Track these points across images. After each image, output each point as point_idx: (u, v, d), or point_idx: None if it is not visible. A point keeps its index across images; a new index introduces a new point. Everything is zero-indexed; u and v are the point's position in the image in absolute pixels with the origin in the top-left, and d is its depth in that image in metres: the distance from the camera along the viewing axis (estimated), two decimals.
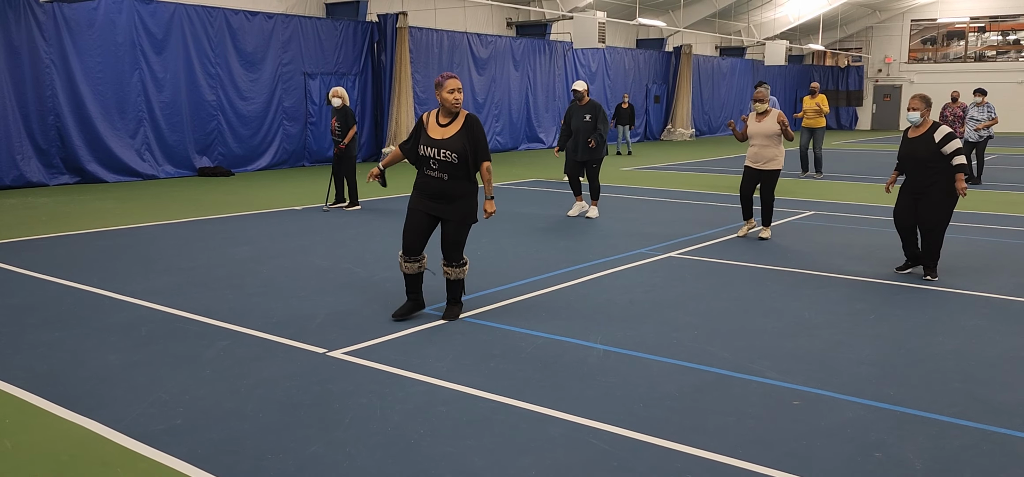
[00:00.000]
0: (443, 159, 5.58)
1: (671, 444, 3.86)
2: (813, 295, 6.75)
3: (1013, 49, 35.72)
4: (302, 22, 17.32)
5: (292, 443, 3.83)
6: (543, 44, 23.80)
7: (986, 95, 15.72)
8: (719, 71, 32.10)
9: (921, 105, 7.35)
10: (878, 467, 3.66)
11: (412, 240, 5.72)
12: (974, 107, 15.53)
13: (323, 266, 7.66)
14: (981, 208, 12.02)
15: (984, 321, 6.04)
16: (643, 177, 16.30)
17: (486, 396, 4.43)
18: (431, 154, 5.60)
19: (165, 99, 15.05)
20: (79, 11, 13.71)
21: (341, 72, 18.22)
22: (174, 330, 5.60)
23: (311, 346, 5.26)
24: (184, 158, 15.43)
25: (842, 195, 13.49)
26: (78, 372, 4.77)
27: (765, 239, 9.18)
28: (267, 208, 11.40)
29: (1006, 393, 4.58)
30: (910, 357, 5.18)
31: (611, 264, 7.88)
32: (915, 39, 37.87)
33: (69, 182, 13.91)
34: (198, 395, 4.42)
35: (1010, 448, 3.87)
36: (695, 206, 12.01)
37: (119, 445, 3.80)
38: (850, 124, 38.79)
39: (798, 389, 4.60)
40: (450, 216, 5.70)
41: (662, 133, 29.56)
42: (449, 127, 5.63)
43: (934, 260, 7.34)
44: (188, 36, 15.29)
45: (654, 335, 5.58)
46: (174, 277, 7.16)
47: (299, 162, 17.61)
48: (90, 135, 14.02)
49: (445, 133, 5.63)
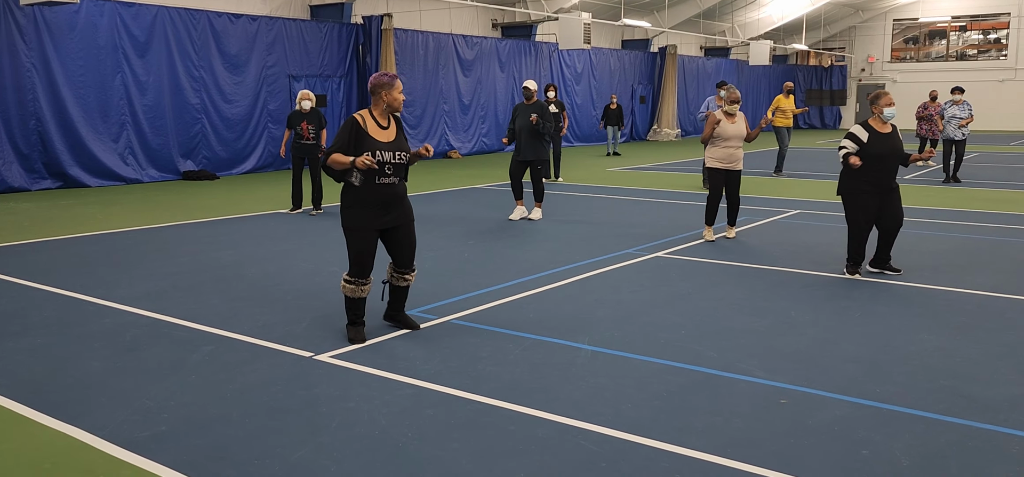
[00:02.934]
0: (398, 161, 5.31)
1: (659, 444, 3.86)
2: (799, 294, 6.78)
3: (994, 48, 36.06)
4: (286, 24, 17.25)
5: (279, 448, 3.81)
6: (529, 45, 23.81)
7: (964, 93, 15.92)
8: (704, 71, 32.24)
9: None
10: (865, 464, 3.67)
11: (368, 262, 5.34)
12: (953, 105, 15.67)
13: (309, 269, 7.62)
14: (962, 206, 12.11)
15: (967, 318, 6.08)
16: (629, 177, 16.33)
17: (474, 398, 4.42)
18: (387, 158, 5.22)
19: (148, 102, 14.93)
20: (60, 14, 13.59)
21: (326, 74, 18.16)
22: (159, 335, 5.55)
23: (297, 350, 5.23)
24: (168, 162, 15.32)
25: (826, 194, 13.56)
26: (61, 379, 4.72)
27: (732, 239, 9.21)
28: (252, 212, 11.34)
29: (991, 389, 4.61)
30: (895, 355, 5.21)
31: (598, 265, 7.88)
32: (897, 38, 38.17)
33: (51, 187, 13.77)
34: (183, 401, 4.38)
35: (995, 444, 3.90)
36: (681, 206, 12.04)
37: (103, 453, 3.76)
38: (834, 123, 39.03)
39: (785, 388, 4.61)
40: (403, 219, 5.43)
41: (648, 133, 29.64)
42: (390, 128, 5.36)
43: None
44: (171, 39, 15.19)
45: (642, 335, 5.58)
46: (158, 282, 7.11)
47: (284, 165, 17.52)
48: (72, 139, 13.90)
49: (391, 135, 5.33)
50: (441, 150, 20.89)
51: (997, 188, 14.55)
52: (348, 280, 5.39)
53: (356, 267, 5.36)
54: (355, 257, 5.35)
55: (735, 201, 9.25)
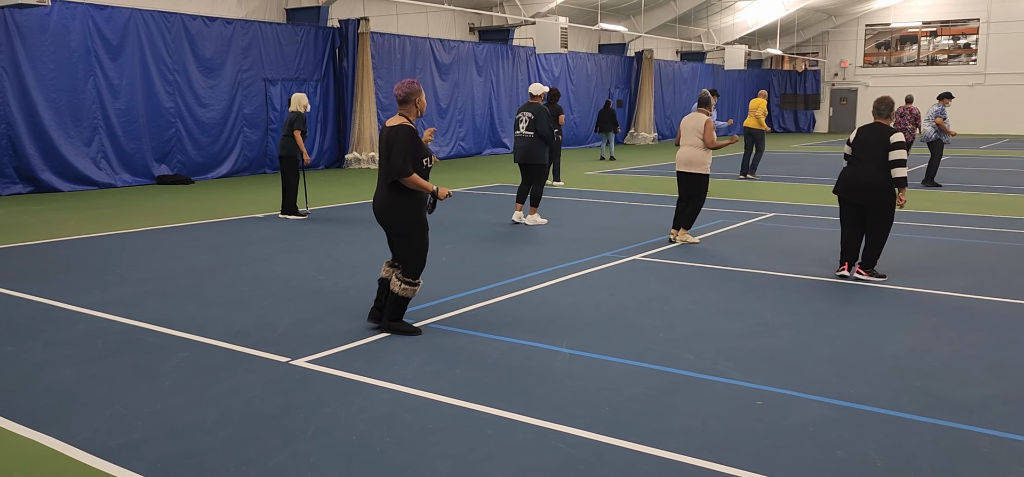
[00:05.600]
0: (431, 165, 5.69)
1: (637, 447, 3.87)
2: (775, 296, 6.84)
3: (964, 53, 36.62)
4: (262, 27, 17.13)
5: (255, 455, 3.78)
6: (506, 49, 23.84)
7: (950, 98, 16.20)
8: (680, 76, 32.46)
9: None
10: (840, 465, 3.71)
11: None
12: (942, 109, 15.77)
13: (285, 274, 7.57)
14: (935, 208, 12.29)
15: (940, 319, 6.17)
16: (606, 181, 16.39)
17: (452, 402, 4.41)
18: (430, 165, 5.61)
19: (121, 106, 14.75)
20: (31, 16, 13.39)
21: (302, 78, 18.05)
22: (132, 342, 5.48)
23: (274, 355, 5.19)
24: (142, 166, 15.15)
25: (801, 197, 13.70)
26: (33, 387, 4.65)
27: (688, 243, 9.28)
28: (228, 216, 11.24)
29: (963, 390, 4.68)
30: (870, 356, 5.27)
31: (575, 268, 7.90)
32: (870, 43, 38.65)
33: (22, 192, 13.56)
34: (157, 408, 4.33)
35: (967, 444, 3.96)
36: (658, 209, 12.10)
37: (76, 461, 3.71)
38: (808, 127, 39.44)
39: (761, 389, 4.65)
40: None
41: (625, 137, 29.78)
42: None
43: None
44: (144, 42, 15.02)
45: (619, 338, 5.60)
46: (132, 288, 7.02)
47: (260, 169, 17.40)
48: (43, 143, 13.69)
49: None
50: None
51: (967, 191, 14.77)
52: (413, 282, 5.58)
53: (424, 262, 5.62)
54: (425, 252, 5.60)
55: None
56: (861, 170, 7.24)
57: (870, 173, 7.18)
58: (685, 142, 9.09)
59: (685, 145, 9.08)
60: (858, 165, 7.28)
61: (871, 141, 7.24)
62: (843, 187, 7.39)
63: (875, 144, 7.19)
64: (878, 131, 7.25)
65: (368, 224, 10.50)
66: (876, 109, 7.41)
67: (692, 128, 9.03)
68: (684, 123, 9.15)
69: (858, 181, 7.25)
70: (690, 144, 9.03)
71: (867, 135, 7.29)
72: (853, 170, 7.31)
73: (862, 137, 7.32)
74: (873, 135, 7.25)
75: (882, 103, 7.41)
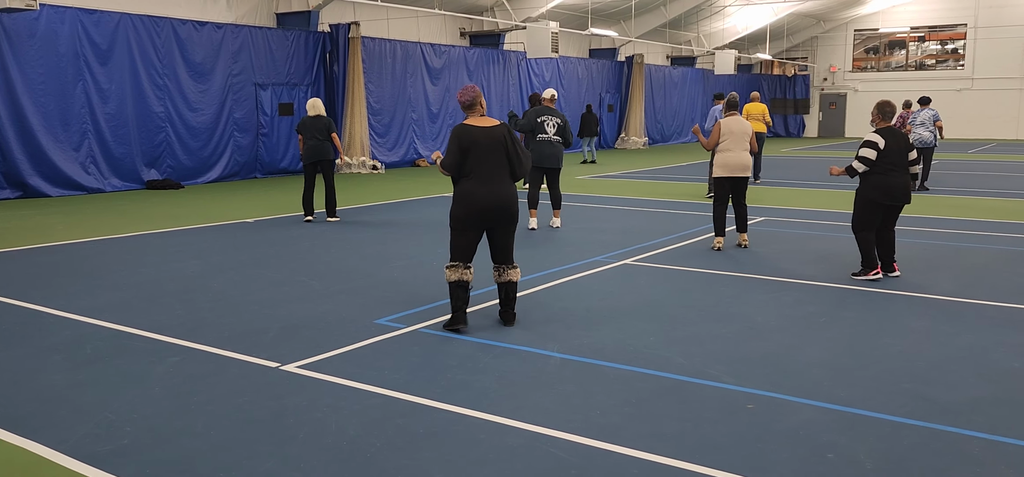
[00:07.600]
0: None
1: (629, 451, 3.87)
2: (766, 300, 6.85)
3: (952, 58, 36.86)
4: (252, 32, 17.09)
5: (245, 460, 3.75)
6: (497, 54, 23.85)
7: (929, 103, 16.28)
8: (671, 80, 32.55)
9: None
10: (830, 468, 3.72)
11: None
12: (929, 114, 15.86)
13: (276, 279, 7.54)
14: (924, 212, 12.35)
15: (930, 322, 6.20)
16: (598, 185, 16.41)
17: (443, 407, 4.40)
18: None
19: (110, 110, 14.68)
20: (19, 20, 13.32)
21: (293, 82, 18.01)
22: (121, 347, 5.45)
23: (264, 360, 5.17)
24: (131, 171, 15.07)
25: (792, 201, 13.75)
26: (21, 393, 4.62)
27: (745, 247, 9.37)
28: (218, 221, 11.20)
29: (953, 392, 4.70)
30: (860, 359, 5.29)
31: (567, 272, 7.90)
32: (858, 48, 38.86)
33: (10, 197, 13.48)
34: (146, 414, 4.30)
35: (957, 446, 3.97)
36: (649, 213, 12.13)
37: (64, 468, 3.68)
38: (798, 132, 39.60)
39: (752, 393, 4.66)
40: None
41: (616, 141, 29.83)
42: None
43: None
44: (134, 46, 14.95)
45: (611, 342, 5.60)
46: (121, 293, 6.98)
47: (251, 174, 17.34)
48: (32, 148, 13.61)
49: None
50: (409, 158, 20.84)
51: (956, 195, 14.86)
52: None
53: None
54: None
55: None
56: (902, 176, 7.55)
57: (904, 177, 7.57)
58: (738, 147, 9.19)
59: (739, 150, 9.20)
60: (898, 172, 7.52)
61: (899, 147, 7.51)
62: (890, 194, 7.53)
63: (903, 150, 7.53)
64: (899, 136, 7.57)
65: (359, 228, 10.48)
66: (886, 113, 7.64)
67: (741, 133, 9.16)
68: (732, 128, 9.13)
69: (903, 184, 7.55)
70: (744, 149, 9.21)
71: (893, 141, 7.51)
72: (898, 176, 7.52)
73: (891, 145, 7.49)
74: (897, 141, 7.52)
75: (888, 106, 7.66)
